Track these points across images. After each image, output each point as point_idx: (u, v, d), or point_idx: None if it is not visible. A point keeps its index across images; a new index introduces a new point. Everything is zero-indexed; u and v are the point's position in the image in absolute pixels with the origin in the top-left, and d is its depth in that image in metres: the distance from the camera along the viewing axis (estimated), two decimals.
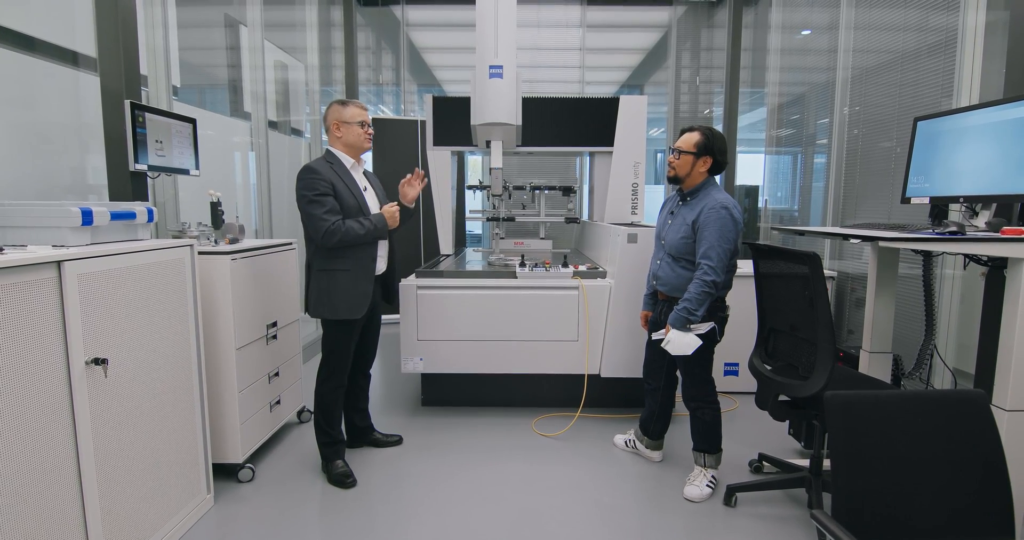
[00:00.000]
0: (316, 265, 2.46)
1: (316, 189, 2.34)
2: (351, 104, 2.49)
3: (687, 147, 2.41)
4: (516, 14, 3.09)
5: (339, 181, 2.41)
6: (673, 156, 2.46)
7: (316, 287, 2.46)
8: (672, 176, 2.48)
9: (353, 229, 2.36)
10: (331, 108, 2.49)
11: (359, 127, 2.48)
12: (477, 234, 6.98)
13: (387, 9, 6.08)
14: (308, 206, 2.34)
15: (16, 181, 2.28)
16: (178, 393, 2.12)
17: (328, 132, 2.51)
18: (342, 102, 2.50)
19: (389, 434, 2.96)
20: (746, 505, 2.38)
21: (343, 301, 2.43)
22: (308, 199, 2.34)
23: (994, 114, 2.05)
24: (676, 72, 6.02)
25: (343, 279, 2.43)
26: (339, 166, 2.46)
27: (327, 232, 2.32)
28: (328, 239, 2.33)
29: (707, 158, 2.40)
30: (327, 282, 2.43)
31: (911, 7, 3.30)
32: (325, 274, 2.44)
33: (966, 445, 1.30)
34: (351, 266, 2.44)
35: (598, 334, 3.20)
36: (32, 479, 1.48)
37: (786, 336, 2.27)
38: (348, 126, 2.47)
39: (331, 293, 2.43)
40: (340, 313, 2.44)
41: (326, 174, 2.38)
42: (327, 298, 2.43)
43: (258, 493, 2.46)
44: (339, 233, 2.33)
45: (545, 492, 2.49)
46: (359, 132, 2.49)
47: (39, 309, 1.50)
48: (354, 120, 2.47)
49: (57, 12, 2.55)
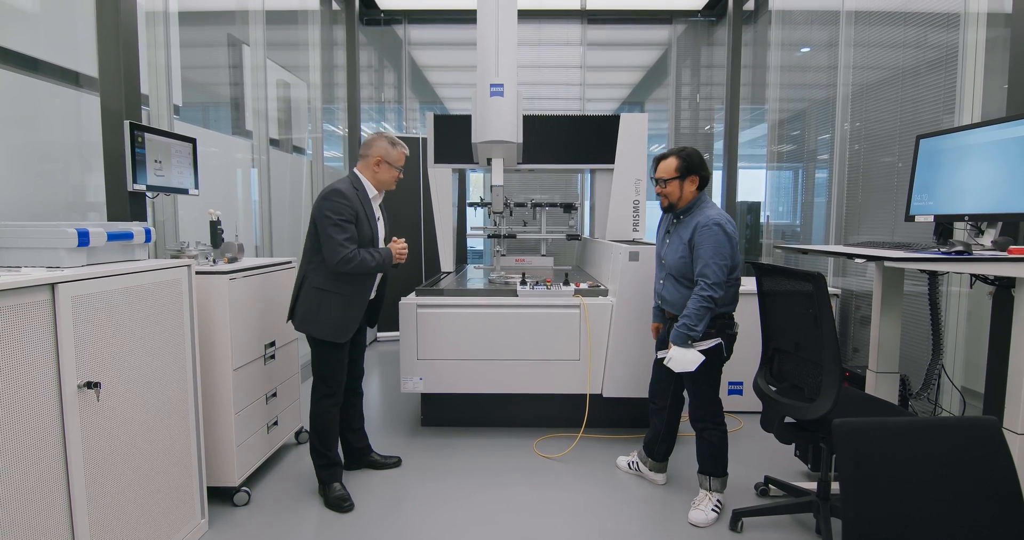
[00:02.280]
0: (313, 281, 2.45)
1: (342, 214, 2.36)
2: (400, 146, 2.54)
3: (668, 174, 2.41)
4: (517, 33, 3.11)
5: (362, 210, 2.43)
6: (659, 186, 2.45)
7: (307, 302, 2.46)
8: (666, 205, 2.47)
9: (366, 260, 2.38)
10: (380, 142, 2.52)
11: (397, 171, 2.55)
12: (479, 251, 6.97)
13: (389, 28, 6.15)
14: (331, 229, 2.35)
15: (18, 201, 2.28)
16: (173, 415, 2.08)
17: (364, 159, 2.53)
18: (392, 142, 2.53)
19: (388, 456, 2.91)
20: (752, 530, 2.33)
21: (332, 323, 2.44)
22: (333, 222, 2.35)
23: (997, 132, 2.03)
24: (676, 89, 6.05)
25: (336, 302, 2.44)
26: (363, 194, 2.48)
27: (344, 259, 2.34)
28: (343, 265, 2.35)
29: (693, 178, 2.40)
30: (319, 301, 2.43)
31: (911, 24, 3.31)
32: (320, 292, 2.44)
33: (978, 472, 1.26)
34: (349, 292, 2.45)
35: (600, 353, 3.17)
36: (21, 505, 1.44)
37: (791, 356, 2.23)
38: (388, 167, 2.52)
39: (321, 312, 2.43)
40: (327, 334, 2.45)
41: (353, 201, 2.40)
42: (315, 316, 2.44)
43: (254, 517, 2.41)
44: (355, 261, 2.35)
45: (547, 517, 2.44)
46: (395, 175, 2.56)
47: (31, 332, 1.48)
48: (397, 164, 2.54)
49: (60, 33, 2.56)
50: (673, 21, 5.99)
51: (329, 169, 5.39)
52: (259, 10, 4.04)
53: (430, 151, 3.87)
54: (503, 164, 3.30)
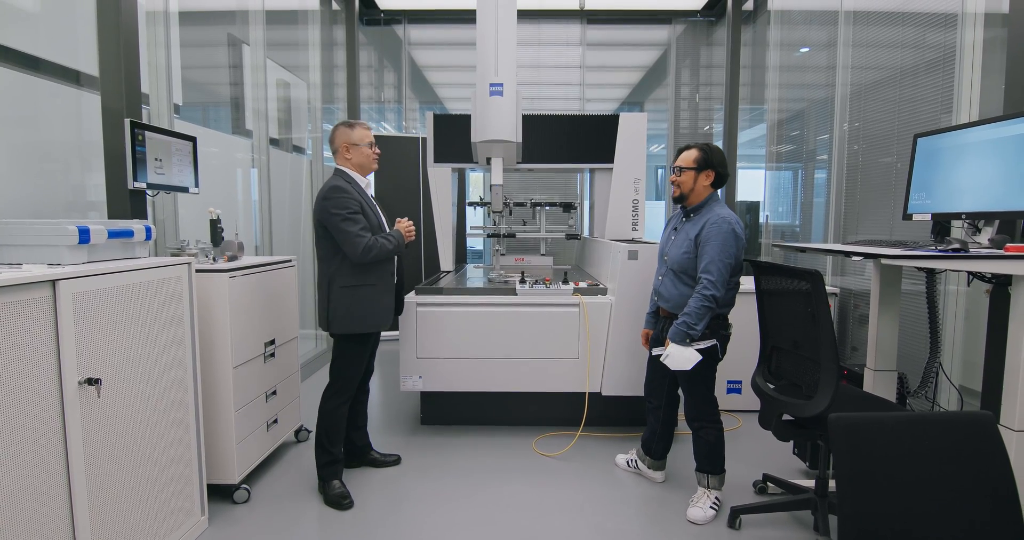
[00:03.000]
0: (340, 281, 2.46)
1: (349, 207, 2.39)
2: (358, 125, 2.54)
3: (687, 164, 2.41)
4: (516, 33, 3.12)
5: (362, 200, 2.47)
6: (675, 174, 2.45)
7: (340, 303, 2.47)
8: (678, 195, 2.47)
9: (385, 244, 2.43)
10: (338, 130, 2.53)
11: (368, 148, 2.54)
12: (478, 250, 6.97)
13: (389, 28, 6.15)
14: (343, 224, 2.37)
15: (19, 199, 2.28)
16: (173, 413, 2.09)
17: (336, 154, 2.55)
18: (349, 124, 2.54)
19: (387, 454, 2.92)
20: (751, 527, 2.33)
21: (371, 315, 2.49)
22: (343, 217, 2.38)
23: (995, 131, 2.04)
24: (676, 89, 6.05)
25: (369, 294, 2.48)
26: (356, 185, 2.51)
27: (366, 248, 2.37)
28: (367, 254, 2.38)
29: (709, 172, 2.40)
30: (351, 297, 2.46)
31: (908, 24, 3.32)
32: (350, 290, 2.46)
33: (975, 467, 1.27)
34: (376, 281, 2.50)
35: (599, 352, 3.17)
36: (21, 501, 1.45)
37: (789, 354, 2.24)
38: (357, 148, 2.52)
39: (358, 307, 2.47)
40: (368, 326, 2.50)
41: (352, 193, 2.43)
42: (354, 312, 2.47)
43: (253, 515, 2.42)
44: (376, 248, 2.40)
45: (546, 515, 2.44)
46: (368, 153, 2.54)
47: (32, 329, 1.49)
48: (363, 142, 2.52)
49: (61, 32, 2.57)
50: (672, 21, 5.99)
51: (329, 169, 5.38)
52: (259, 10, 4.04)
53: (430, 151, 3.88)
54: (502, 163, 3.30)
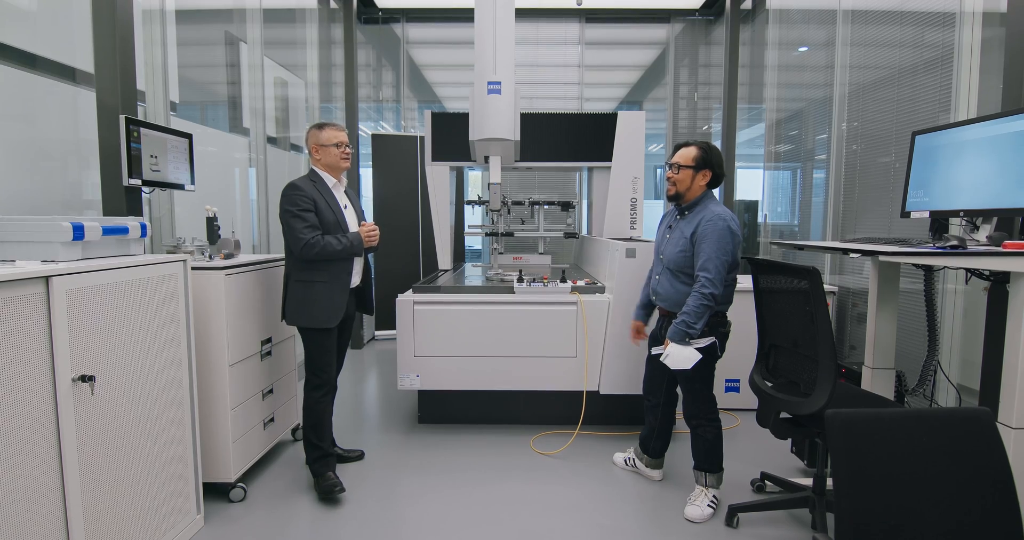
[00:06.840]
0: (294, 276, 2.53)
1: (298, 205, 2.44)
2: (327, 127, 2.58)
3: (685, 161, 2.40)
4: (515, 31, 3.12)
5: (321, 199, 2.51)
6: (672, 171, 2.44)
7: (293, 296, 2.54)
8: (673, 194, 2.45)
9: (331, 244, 2.45)
10: (310, 132, 2.60)
11: (335, 148, 2.57)
12: (477, 249, 6.96)
13: (387, 27, 6.14)
14: (291, 220, 2.44)
15: (15, 196, 2.28)
16: (168, 411, 2.08)
17: (309, 156, 2.62)
18: (319, 126, 2.59)
19: (350, 449, 2.95)
20: (748, 526, 2.33)
21: (320, 310, 2.52)
22: (292, 214, 2.44)
23: (992, 128, 2.04)
24: (674, 88, 6.05)
25: (320, 290, 2.51)
26: (321, 185, 2.56)
27: (306, 245, 2.41)
28: (307, 251, 2.42)
29: (706, 171, 2.39)
30: (304, 292, 2.51)
31: (907, 24, 3.32)
32: (302, 285, 2.51)
33: (972, 464, 1.26)
34: (327, 278, 2.52)
35: (597, 350, 3.17)
36: (14, 499, 1.44)
37: (787, 352, 2.24)
38: (325, 149, 2.56)
39: (308, 302, 2.51)
40: (317, 322, 2.52)
41: (308, 191, 2.48)
42: (303, 306, 2.51)
43: (249, 513, 2.41)
44: (317, 247, 2.43)
45: (544, 513, 2.44)
46: (335, 153, 2.57)
47: (26, 325, 1.48)
48: (330, 142, 2.56)
49: (58, 29, 2.56)
50: (671, 20, 5.99)
51: None
52: (256, 8, 4.03)
53: (428, 149, 3.87)
54: (501, 162, 3.30)
